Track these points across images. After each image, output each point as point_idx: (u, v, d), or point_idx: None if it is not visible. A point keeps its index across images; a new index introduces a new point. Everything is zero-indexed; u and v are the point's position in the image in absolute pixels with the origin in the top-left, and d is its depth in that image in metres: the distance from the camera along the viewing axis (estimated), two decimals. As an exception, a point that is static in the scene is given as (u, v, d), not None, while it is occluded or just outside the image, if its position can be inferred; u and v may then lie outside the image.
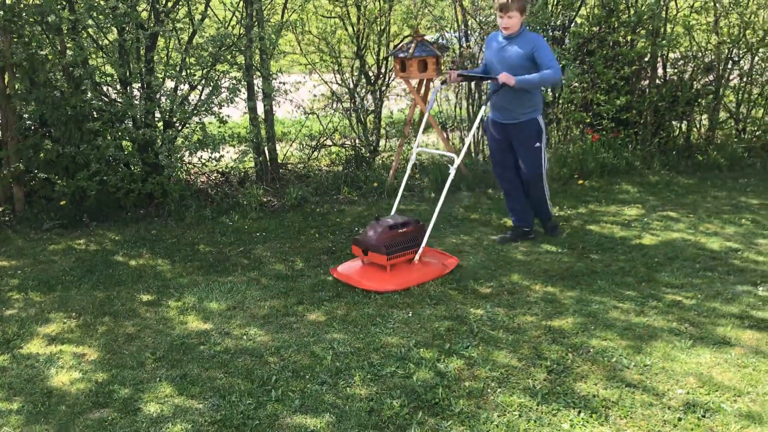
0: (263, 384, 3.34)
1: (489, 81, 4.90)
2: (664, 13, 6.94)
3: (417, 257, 4.59)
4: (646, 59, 7.18)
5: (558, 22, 7.10)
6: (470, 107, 7.24)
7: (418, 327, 3.87)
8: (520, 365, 3.43)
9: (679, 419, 2.95)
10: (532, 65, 4.66)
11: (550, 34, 7.09)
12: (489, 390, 3.23)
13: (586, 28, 7.06)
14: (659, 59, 7.27)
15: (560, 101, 7.07)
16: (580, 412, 3.03)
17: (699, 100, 7.23)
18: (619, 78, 6.88)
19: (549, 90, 7.20)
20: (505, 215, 5.75)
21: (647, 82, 7.31)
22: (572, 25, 7.19)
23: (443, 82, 5.23)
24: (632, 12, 6.92)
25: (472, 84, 7.16)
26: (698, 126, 7.56)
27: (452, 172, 4.68)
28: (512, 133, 4.91)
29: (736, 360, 3.40)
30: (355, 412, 3.08)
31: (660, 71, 7.36)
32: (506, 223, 5.60)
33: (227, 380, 3.39)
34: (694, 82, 7.23)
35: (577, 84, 6.98)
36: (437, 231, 5.45)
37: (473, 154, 7.30)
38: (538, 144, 4.84)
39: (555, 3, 7.11)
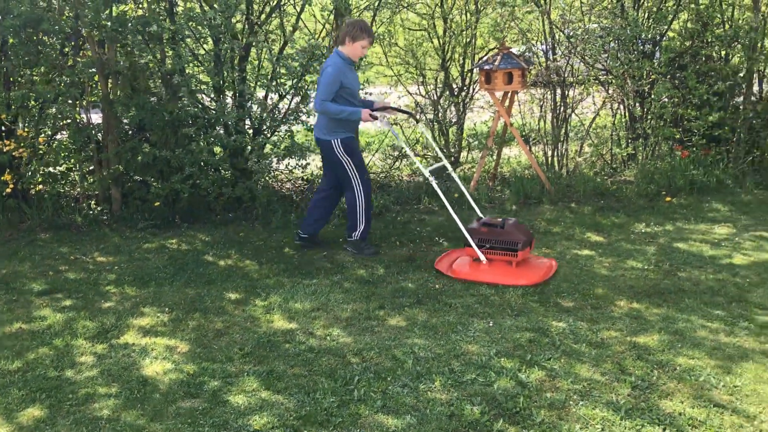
0: (346, 383, 3.42)
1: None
2: (762, 26, 6.71)
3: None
4: (741, 74, 6.94)
5: (649, 36, 6.96)
6: (555, 120, 7.17)
7: (499, 337, 3.87)
8: (603, 379, 3.39)
9: (772, 443, 2.86)
10: None
11: (641, 47, 6.96)
12: (571, 402, 3.20)
13: (679, 43, 6.90)
14: (755, 75, 7.02)
15: (649, 116, 6.91)
16: (665, 429, 2.98)
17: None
18: (712, 93, 6.68)
19: (637, 105, 7.08)
20: (589, 229, 5.70)
21: (742, 98, 7.06)
22: (664, 39, 7.04)
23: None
24: (728, 26, 6.72)
25: (558, 96, 7.10)
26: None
27: (431, 180, 5.11)
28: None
29: (835, 386, 3.26)
30: (435, 416, 3.12)
31: (756, 87, 7.11)
32: (589, 237, 5.53)
33: (311, 378, 3.49)
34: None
35: (666, 99, 6.82)
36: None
37: (556, 168, 7.22)
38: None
39: (646, 17, 6.98)
